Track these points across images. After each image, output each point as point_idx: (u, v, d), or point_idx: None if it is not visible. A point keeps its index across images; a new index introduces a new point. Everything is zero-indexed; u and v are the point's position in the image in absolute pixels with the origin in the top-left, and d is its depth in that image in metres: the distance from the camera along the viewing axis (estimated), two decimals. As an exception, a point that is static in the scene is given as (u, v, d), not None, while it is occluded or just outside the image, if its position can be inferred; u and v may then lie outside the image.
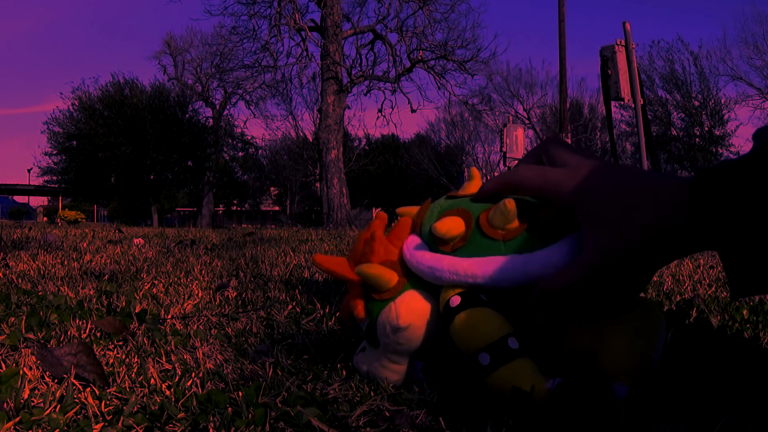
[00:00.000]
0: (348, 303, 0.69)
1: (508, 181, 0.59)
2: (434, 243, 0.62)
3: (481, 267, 0.59)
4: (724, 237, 0.45)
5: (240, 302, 1.25)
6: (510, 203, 0.57)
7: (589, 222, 0.51)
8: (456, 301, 0.60)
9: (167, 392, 0.67)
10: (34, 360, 0.78)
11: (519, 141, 7.07)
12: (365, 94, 12.36)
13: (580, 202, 0.52)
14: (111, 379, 0.72)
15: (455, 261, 0.60)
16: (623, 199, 0.49)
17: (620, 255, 0.49)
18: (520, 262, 0.58)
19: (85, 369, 0.72)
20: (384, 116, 12.36)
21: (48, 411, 0.60)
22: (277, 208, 29.40)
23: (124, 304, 1.17)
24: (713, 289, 1.37)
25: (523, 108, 23.83)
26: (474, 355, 0.58)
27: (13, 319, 1.02)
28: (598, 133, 23.44)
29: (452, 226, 0.60)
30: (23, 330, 0.94)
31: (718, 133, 18.35)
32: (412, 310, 0.63)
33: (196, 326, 1.02)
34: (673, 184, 0.47)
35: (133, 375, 0.73)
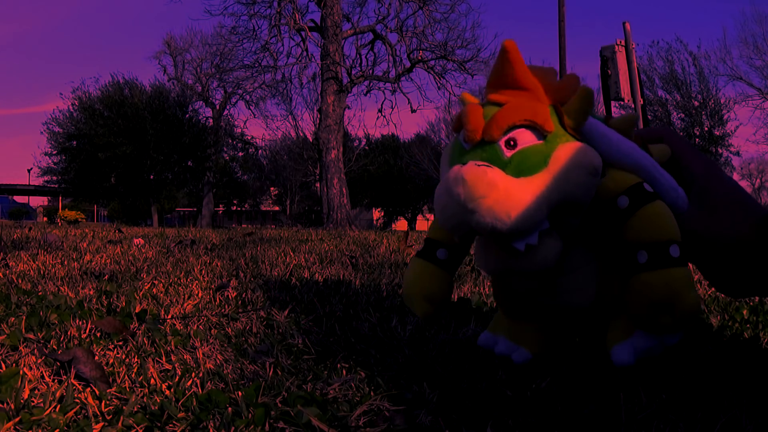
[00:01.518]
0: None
1: (659, 133, 0.72)
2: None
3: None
4: None
5: (240, 302, 1.25)
6: None
7: (703, 203, 0.66)
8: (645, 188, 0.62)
9: (167, 392, 0.67)
10: (34, 360, 0.78)
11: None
12: (365, 94, 12.36)
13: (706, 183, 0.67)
14: (111, 379, 0.72)
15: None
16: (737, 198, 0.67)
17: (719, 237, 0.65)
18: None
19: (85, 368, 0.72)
20: (384, 116, 12.37)
21: (48, 411, 0.60)
22: (277, 208, 29.38)
23: (124, 304, 1.17)
24: (713, 289, 1.37)
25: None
26: (665, 245, 0.59)
27: (13, 319, 1.02)
28: (598, 133, 23.39)
29: None
30: (23, 330, 0.94)
31: (718, 133, 18.35)
32: None
33: (196, 326, 1.02)
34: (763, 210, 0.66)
35: (133, 375, 0.73)
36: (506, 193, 0.56)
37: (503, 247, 0.61)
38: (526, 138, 0.60)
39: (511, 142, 0.60)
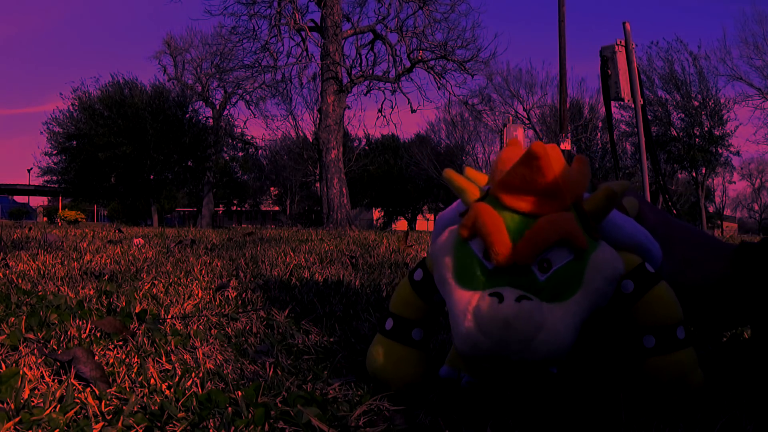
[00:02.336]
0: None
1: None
2: None
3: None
4: (755, 294, 0.67)
5: (240, 302, 1.25)
6: None
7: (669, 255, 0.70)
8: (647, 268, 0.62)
9: (167, 392, 0.67)
10: (34, 360, 0.78)
11: (519, 141, 7.04)
12: (365, 94, 12.36)
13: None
14: (111, 379, 0.72)
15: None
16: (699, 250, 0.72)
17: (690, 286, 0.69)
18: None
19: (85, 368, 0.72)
20: (384, 116, 12.35)
21: (48, 411, 0.60)
22: (277, 208, 29.38)
23: (124, 304, 1.17)
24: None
25: (523, 108, 23.82)
26: (672, 328, 0.59)
27: (13, 319, 1.02)
28: (599, 134, 23.43)
29: None
30: (23, 330, 0.94)
31: (717, 133, 18.35)
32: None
33: (196, 326, 1.02)
34: (728, 247, 0.71)
35: (133, 375, 0.73)
36: (554, 330, 0.54)
37: (533, 371, 0.58)
38: (560, 257, 0.57)
39: (545, 264, 0.56)
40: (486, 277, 0.57)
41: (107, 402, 0.64)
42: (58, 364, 0.74)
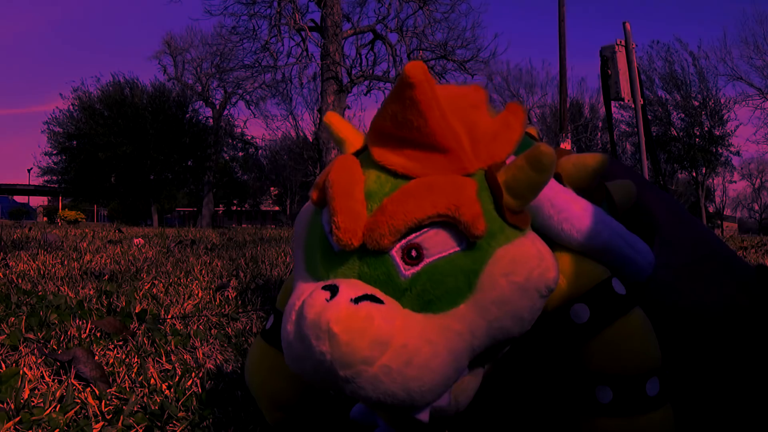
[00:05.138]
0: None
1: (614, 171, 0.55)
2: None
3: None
4: None
5: (240, 302, 1.25)
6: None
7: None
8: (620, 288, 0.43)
9: (167, 392, 0.67)
10: (34, 360, 0.78)
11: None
12: (365, 94, 12.35)
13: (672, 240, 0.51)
14: (111, 379, 0.72)
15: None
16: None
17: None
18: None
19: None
20: (384, 116, 12.31)
21: (48, 411, 0.60)
22: (277, 208, 29.38)
23: (124, 304, 1.17)
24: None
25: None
26: (640, 380, 0.41)
27: (13, 319, 1.02)
28: (599, 134, 23.44)
29: None
30: (23, 330, 0.94)
31: (718, 133, 18.36)
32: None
33: (196, 326, 1.02)
34: (746, 267, 0.50)
35: (133, 375, 0.73)
36: (407, 355, 0.35)
37: (397, 415, 0.41)
38: (438, 243, 0.37)
39: (413, 252, 0.37)
40: (329, 264, 0.40)
41: (107, 402, 0.64)
42: (58, 364, 0.74)
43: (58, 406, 0.61)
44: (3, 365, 0.75)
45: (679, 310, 0.46)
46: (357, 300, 0.35)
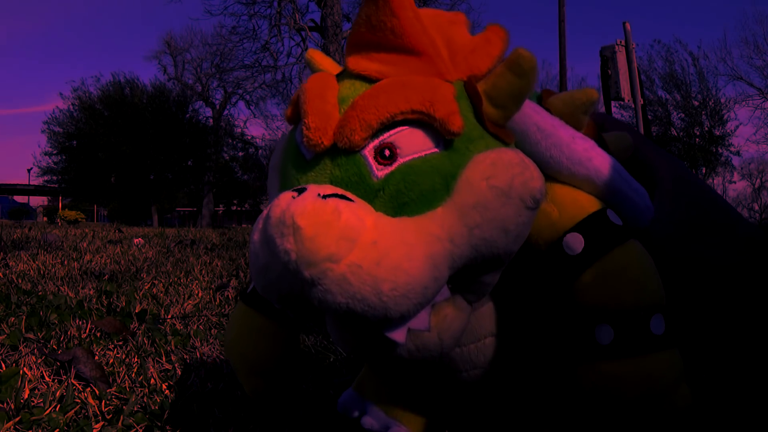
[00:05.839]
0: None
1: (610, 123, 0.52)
2: None
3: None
4: None
5: (240, 302, 1.25)
6: None
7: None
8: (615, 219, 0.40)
9: (167, 392, 0.67)
10: (34, 360, 0.78)
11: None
12: (365, 94, 12.34)
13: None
14: (111, 378, 0.72)
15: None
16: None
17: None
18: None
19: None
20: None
21: (48, 411, 0.60)
22: (277, 208, 29.33)
23: (124, 304, 1.17)
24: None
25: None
26: (643, 316, 0.37)
27: (13, 319, 1.02)
28: (598, 133, 23.40)
29: None
30: (23, 330, 0.94)
31: (718, 133, 18.36)
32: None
33: (196, 326, 1.02)
34: (751, 226, 0.48)
35: (133, 375, 0.73)
36: (376, 253, 0.33)
37: (370, 335, 0.37)
38: (413, 143, 0.36)
39: (386, 152, 0.36)
40: (300, 172, 0.38)
41: (107, 402, 0.64)
42: (58, 364, 0.74)
43: (58, 406, 0.61)
44: (3, 365, 0.75)
45: (680, 263, 0.43)
46: (325, 197, 0.34)
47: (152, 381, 0.71)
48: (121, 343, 0.90)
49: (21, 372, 0.69)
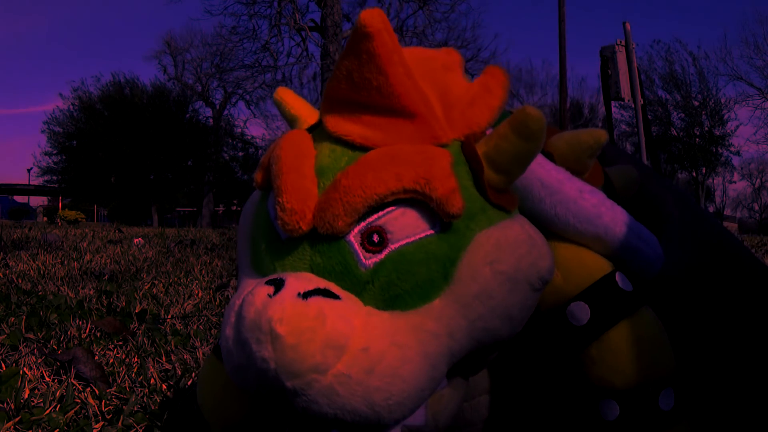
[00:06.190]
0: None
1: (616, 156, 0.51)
2: None
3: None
4: None
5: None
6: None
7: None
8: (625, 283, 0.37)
9: (167, 392, 0.67)
10: (34, 360, 0.78)
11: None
12: (365, 94, 12.34)
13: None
14: (111, 378, 0.72)
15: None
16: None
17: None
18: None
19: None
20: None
21: (48, 411, 0.60)
22: (277, 208, 29.38)
23: (124, 304, 1.17)
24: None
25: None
26: (652, 392, 0.35)
27: (13, 319, 1.02)
28: (599, 133, 23.39)
29: None
30: (23, 330, 0.94)
31: (718, 133, 18.36)
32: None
33: (196, 326, 1.02)
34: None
35: (133, 375, 0.73)
36: (368, 361, 0.29)
37: None
38: (405, 226, 0.31)
39: (375, 237, 0.31)
40: (275, 255, 0.33)
41: (107, 402, 0.64)
42: (58, 364, 0.74)
43: (58, 406, 0.61)
44: (3, 365, 0.75)
45: (689, 311, 0.40)
46: (306, 295, 0.29)
47: (152, 381, 0.71)
48: (121, 343, 0.90)
49: (21, 372, 0.69)
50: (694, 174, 19.79)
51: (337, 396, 0.29)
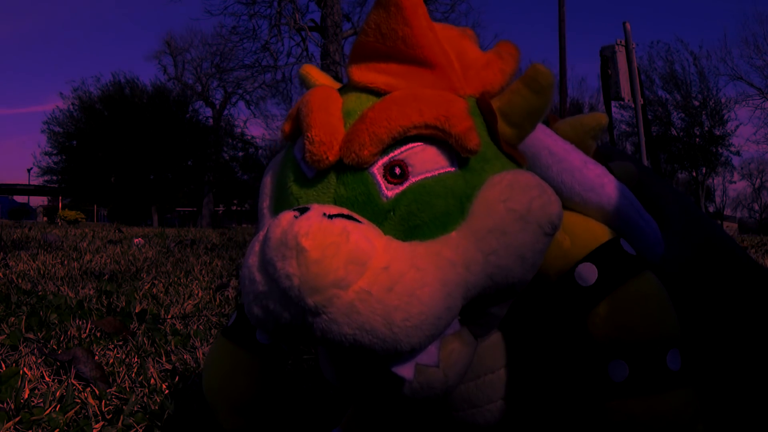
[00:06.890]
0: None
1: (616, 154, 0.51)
2: None
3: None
4: None
5: (240, 302, 1.25)
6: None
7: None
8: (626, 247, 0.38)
9: (167, 392, 0.67)
10: (34, 360, 0.78)
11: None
12: (365, 94, 12.33)
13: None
14: (111, 378, 0.72)
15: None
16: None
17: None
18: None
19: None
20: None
21: (48, 411, 0.60)
22: (277, 208, 29.34)
23: (124, 304, 1.17)
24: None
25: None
26: (659, 352, 0.35)
27: (13, 319, 1.02)
28: (599, 133, 23.38)
29: None
30: (23, 330, 0.94)
31: (718, 133, 18.36)
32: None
33: (196, 326, 1.02)
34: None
35: (133, 375, 0.73)
36: (388, 279, 0.30)
37: (373, 371, 0.35)
38: (426, 160, 0.33)
39: (397, 170, 0.33)
40: (300, 191, 0.35)
41: (107, 402, 0.64)
42: (58, 364, 0.74)
43: (58, 406, 0.61)
44: (3, 365, 0.75)
45: (685, 306, 0.41)
46: (332, 217, 0.30)
47: (152, 381, 0.71)
48: (121, 343, 0.90)
49: (21, 372, 0.69)
50: (694, 174, 19.80)
51: (358, 314, 0.29)
